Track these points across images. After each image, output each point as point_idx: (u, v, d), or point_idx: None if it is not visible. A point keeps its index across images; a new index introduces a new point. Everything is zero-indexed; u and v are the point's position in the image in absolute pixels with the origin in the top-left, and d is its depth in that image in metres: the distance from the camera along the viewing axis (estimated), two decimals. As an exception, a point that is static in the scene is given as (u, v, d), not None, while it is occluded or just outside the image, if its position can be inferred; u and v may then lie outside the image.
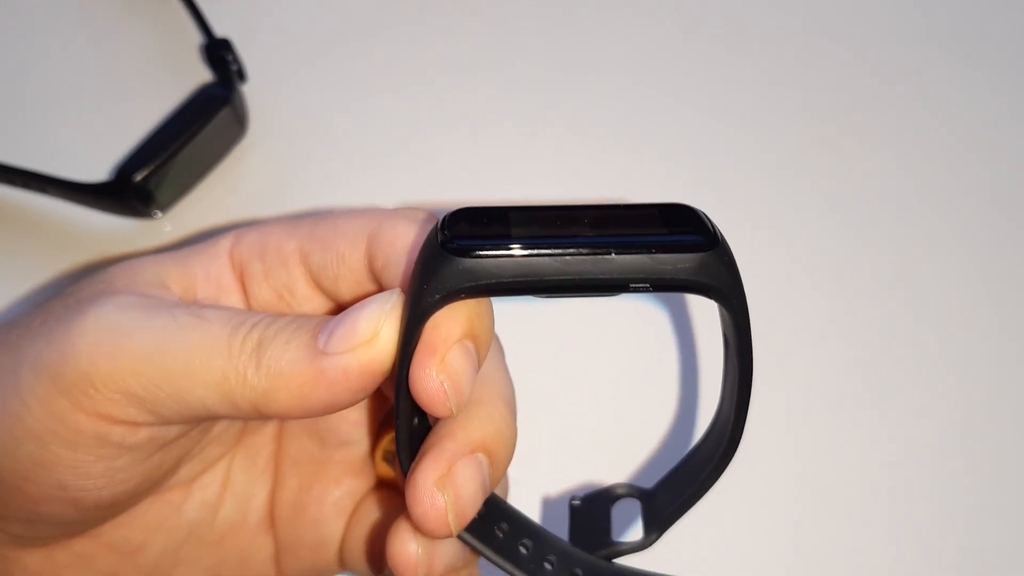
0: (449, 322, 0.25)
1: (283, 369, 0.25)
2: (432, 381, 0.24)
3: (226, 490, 0.32)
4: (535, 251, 0.22)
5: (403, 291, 0.26)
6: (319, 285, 0.30)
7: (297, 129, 0.49)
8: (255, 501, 0.32)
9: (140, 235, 0.46)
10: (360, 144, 0.49)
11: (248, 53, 0.49)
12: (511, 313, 0.31)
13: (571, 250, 0.22)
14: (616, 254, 0.22)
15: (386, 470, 0.32)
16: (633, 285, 0.23)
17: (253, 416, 0.26)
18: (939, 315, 0.45)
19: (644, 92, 0.51)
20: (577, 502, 0.31)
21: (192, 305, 0.27)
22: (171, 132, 0.45)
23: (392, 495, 0.32)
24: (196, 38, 0.51)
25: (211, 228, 0.46)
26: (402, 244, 0.27)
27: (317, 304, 0.30)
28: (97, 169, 0.46)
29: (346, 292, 0.29)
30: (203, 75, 0.50)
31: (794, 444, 0.41)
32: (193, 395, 0.26)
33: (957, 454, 0.41)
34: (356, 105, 0.50)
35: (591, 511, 0.31)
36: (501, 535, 0.28)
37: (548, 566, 0.29)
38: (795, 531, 0.40)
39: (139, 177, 0.43)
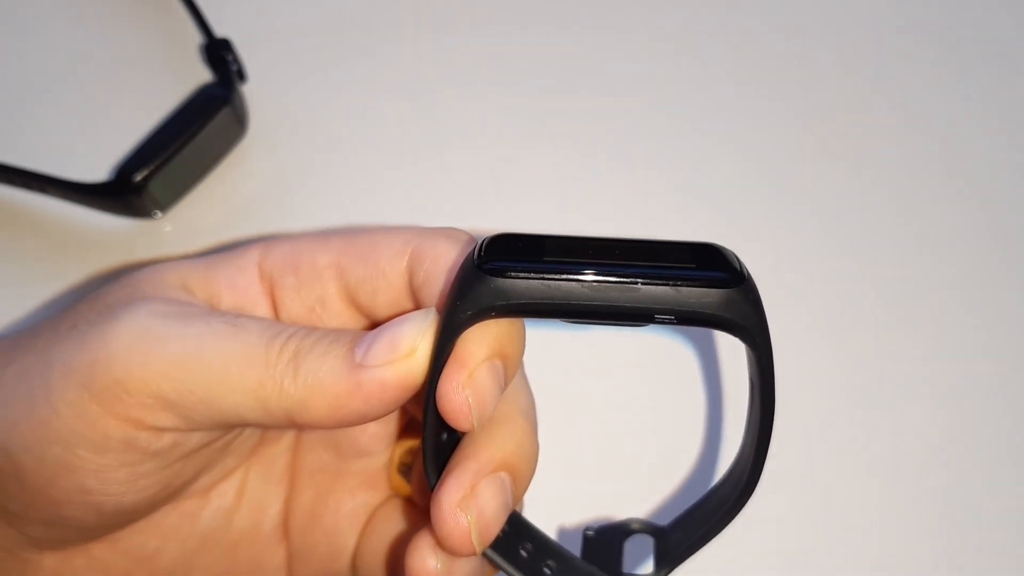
0: (480, 340, 0.25)
1: (321, 379, 0.26)
2: (458, 395, 0.25)
3: (242, 499, 0.32)
4: (564, 276, 0.23)
5: (438, 311, 0.26)
6: (354, 300, 0.30)
7: (297, 129, 0.49)
8: (270, 510, 0.33)
9: (140, 235, 0.46)
10: (360, 144, 0.49)
11: (248, 53, 0.49)
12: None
13: (599, 277, 0.23)
14: (643, 284, 0.23)
15: (400, 482, 0.32)
16: (658, 316, 0.23)
17: (285, 425, 0.27)
18: (939, 316, 0.45)
19: (645, 92, 0.51)
20: (591, 532, 0.32)
21: (227, 314, 0.28)
22: (171, 132, 0.45)
23: (406, 507, 0.32)
24: (196, 38, 0.50)
25: (211, 228, 0.46)
26: (444, 262, 0.28)
27: (347, 319, 0.31)
28: (97, 169, 0.46)
29: (382, 307, 0.30)
30: (203, 75, 0.50)
31: (795, 444, 0.41)
32: (227, 401, 0.26)
33: (957, 453, 0.42)
34: (356, 105, 0.50)
35: (604, 543, 0.31)
36: (525, 555, 0.29)
37: None
38: (795, 531, 0.40)
39: (139, 177, 0.44)
